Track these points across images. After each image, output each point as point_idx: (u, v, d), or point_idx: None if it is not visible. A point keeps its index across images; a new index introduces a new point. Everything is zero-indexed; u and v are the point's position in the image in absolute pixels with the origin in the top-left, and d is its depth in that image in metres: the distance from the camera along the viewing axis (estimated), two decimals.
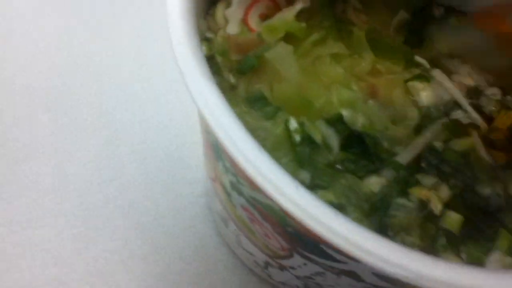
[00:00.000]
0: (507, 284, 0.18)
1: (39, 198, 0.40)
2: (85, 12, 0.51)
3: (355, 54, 0.30)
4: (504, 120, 0.29)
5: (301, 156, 0.25)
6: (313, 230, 0.18)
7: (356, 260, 0.18)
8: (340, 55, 0.29)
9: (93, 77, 0.47)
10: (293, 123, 0.25)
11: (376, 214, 0.24)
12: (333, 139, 0.26)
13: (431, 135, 0.28)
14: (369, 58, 0.30)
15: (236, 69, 0.27)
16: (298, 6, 0.29)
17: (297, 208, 0.19)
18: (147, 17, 0.51)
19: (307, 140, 0.25)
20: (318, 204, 0.19)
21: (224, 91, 0.27)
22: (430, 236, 0.25)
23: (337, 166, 0.26)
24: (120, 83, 0.47)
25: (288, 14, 0.29)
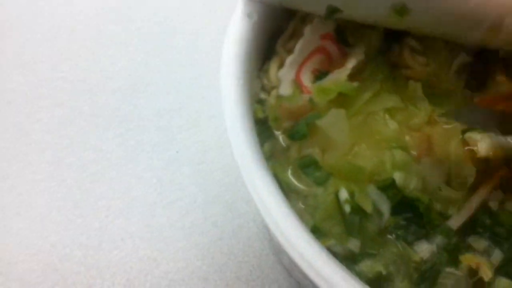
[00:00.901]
0: None
1: (110, 223, 0.44)
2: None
3: (411, 105, 0.30)
4: None
5: (351, 226, 0.26)
6: None
7: None
8: (395, 109, 0.29)
9: (155, 98, 0.50)
10: (343, 193, 0.26)
11: (425, 283, 0.25)
12: (384, 205, 0.27)
13: (487, 194, 0.27)
14: (425, 108, 0.30)
15: (287, 135, 0.28)
16: (351, 65, 0.29)
17: None
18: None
19: (357, 209, 0.26)
20: None
21: (276, 154, 0.28)
22: None
23: (387, 234, 0.26)
24: (181, 103, 0.50)
25: (341, 75, 0.29)
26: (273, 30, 0.31)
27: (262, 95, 0.30)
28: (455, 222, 0.27)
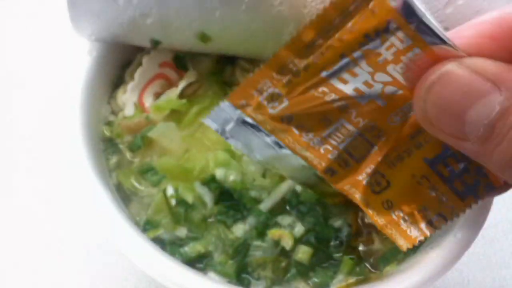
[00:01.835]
0: None
1: None
2: None
3: None
4: None
5: (178, 216, 0.32)
6: None
7: None
8: None
9: None
10: (170, 190, 0.32)
11: (238, 255, 0.31)
12: (207, 197, 0.33)
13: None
14: None
15: (128, 148, 0.34)
16: (181, 86, 0.36)
17: None
18: None
19: (182, 202, 0.32)
20: None
21: (122, 165, 0.34)
22: (282, 269, 0.31)
23: (211, 219, 0.32)
24: None
25: (172, 94, 0.35)
26: (122, 61, 0.38)
27: (111, 118, 0.36)
28: (266, 205, 0.33)
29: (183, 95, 0.36)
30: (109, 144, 0.35)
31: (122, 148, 0.35)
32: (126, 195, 0.33)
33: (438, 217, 0.23)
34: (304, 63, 0.21)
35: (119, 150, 0.35)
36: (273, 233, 0.32)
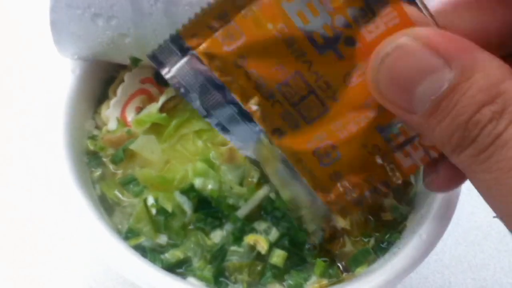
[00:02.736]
0: None
1: None
2: None
3: None
4: None
5: (158, 224, 0.34)
6: None
7: None
8: (202, 131, 0.38)
9: None
10: (150, 199, 0.34)
11: (216, 260, 0.33)
12: (186, 205, 0.34)
13: (270, 187, 0.36)
14: None
15: (111, 160, 0.36)
16: (162, 100, 0.37)
17: None
18: None
19: (161, 210, 0.34)
20: None
21: (106, 177, 0.36)
22: (258, 272, 0.33)
23: (190, 227, 0.34)
24: None
25: (153, 109, 0.37)
26: (105, 78, 0.40)
27: (95, 132, 0.38)
28: (242, 212, 0.34)
29: (164, 109, 0.38)
30: (93, 157, 0.37)
31: (106, 161, 0.37)
32: (109, 205, 0.35)
33: (382, 185, 0.24)
34: None
35: (103, 163, 0.37)
36: (249, 238, 0.33)
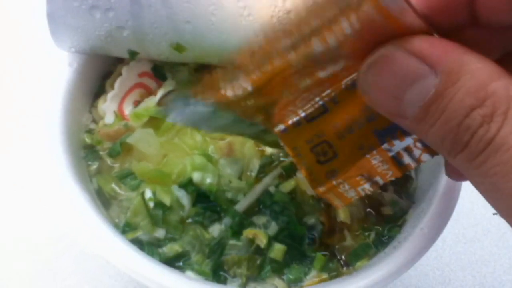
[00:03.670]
0: None
1: None
2: None
3: None
4: None
5: (156, 218, 0.33)
6: None
7: None
8: None
9: None
10: (148, 193, 0.34)
11: (214, 254, 0.33)
12: (185, 199, 0.34)
13: (269, 181, 0.35)
14: None
15: (108, 154, 0.36)
16: (160, 94, 0.37)
17: None
18: None
19: (159, 204, 0.33)
20: None
21: (103, 171, 0.36)
22: (257, 266, 0.33)
23: (189, 220, 0.34)
24: None
25: (151, 102, 0.37)
26: (103, 72, 0.39)
27: (92, 126, 0.38)
28: (241, 206, 0.34)
29: (162, 103, 0.37)
30: (90, 151, 0.36)
31: (103, 155, 0.36)
32: (106, 199, 0.35)
33: (374, 181, 0.24)
34: None
35: (100, 157, 0.36)
36: (248, 232, 0.33)
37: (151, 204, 0.33)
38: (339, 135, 0.24)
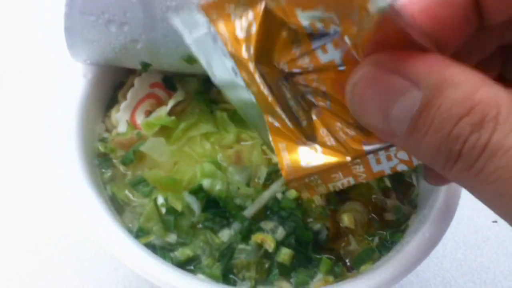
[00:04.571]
0: None
1: None
2: None
3: (222, 130, 0.39)
4: None
5: (168, 223, 0.34)
6: None
7: None
8: (209, 133, 0.39)
9: None
10: (160, 199, 0.35)
11: (224, 258, 0.34)
12: (195, 205, 0.35)
13: (276, 188, 0.37)
14: (233, 130, 0.39)
15: (121, 162, 0.37)
16: (170, 104, 0.39)
17: None
18: None
19: (171, 210, 0.35)
20: None
21: (116, 178, 0.37)
22: (266, 270, 0.34)
23: (198, 226, 0.35)
24: None
25: (162, 112, 0.38)
26: (116, 83, 0.41)
27: (105, 135, 0.39)
28: (249, 211, 0.35)
29: (172, 113, 0.39)
30: (104, 159, 0.38)
31: (116, 163, 0.38)
32: (120, 206, 0.36)
33: (347, 181, 0.25)
34: None
35: (113, 164, 0.38)
36: (257, 237, 0.34)
37: (163, 210, 0.35)
38: (328, 142, 0.24)
